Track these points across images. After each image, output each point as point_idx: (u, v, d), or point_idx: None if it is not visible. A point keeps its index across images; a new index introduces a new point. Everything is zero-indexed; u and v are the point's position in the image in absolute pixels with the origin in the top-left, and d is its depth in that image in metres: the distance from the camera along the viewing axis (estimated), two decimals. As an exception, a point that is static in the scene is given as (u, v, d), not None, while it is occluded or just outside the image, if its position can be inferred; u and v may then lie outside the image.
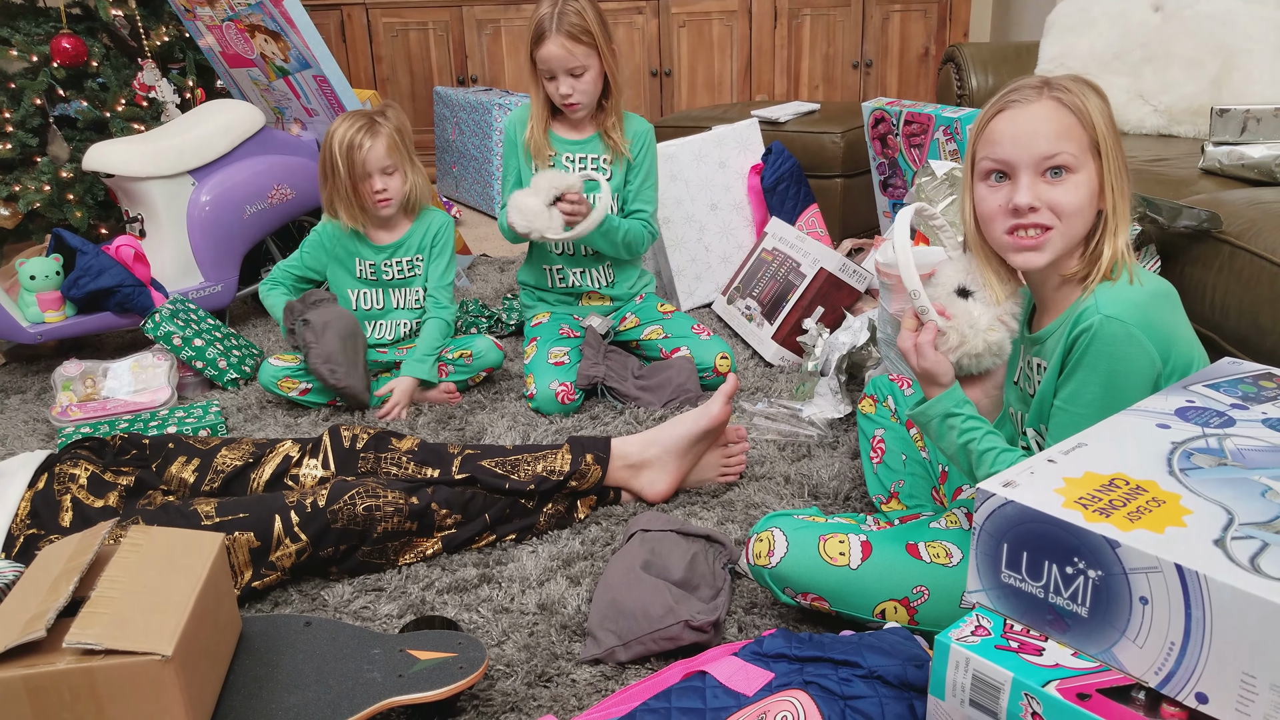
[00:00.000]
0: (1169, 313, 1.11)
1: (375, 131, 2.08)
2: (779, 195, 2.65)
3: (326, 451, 1.60)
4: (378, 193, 2.10)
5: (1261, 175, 1.96)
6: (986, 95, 2.79)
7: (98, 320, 2.30)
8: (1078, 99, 1.11)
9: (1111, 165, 1.11)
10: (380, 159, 2.08)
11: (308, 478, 1.58)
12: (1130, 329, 1.05)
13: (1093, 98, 1.11)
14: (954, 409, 1.17)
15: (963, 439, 1.15)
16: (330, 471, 1.58)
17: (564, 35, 2.04)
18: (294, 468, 1.59)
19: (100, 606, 1.04)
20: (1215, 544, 0.76)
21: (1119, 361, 1.06)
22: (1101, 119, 1.11)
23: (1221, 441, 0.91)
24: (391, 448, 1.60)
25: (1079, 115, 1.10)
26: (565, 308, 2.30)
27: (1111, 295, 1.08)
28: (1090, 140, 1.10)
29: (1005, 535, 0.84)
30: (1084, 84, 1.13)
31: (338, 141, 2.07)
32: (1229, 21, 2.41)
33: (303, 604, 1.44)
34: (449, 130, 3.90)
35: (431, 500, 1.52)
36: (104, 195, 2.71)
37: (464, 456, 1.59)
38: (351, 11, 4.11)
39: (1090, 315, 1.07)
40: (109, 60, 2.78)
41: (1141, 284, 1.10)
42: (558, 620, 1.36)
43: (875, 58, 4.28)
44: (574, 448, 1.63)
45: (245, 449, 1.61)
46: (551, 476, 1.58)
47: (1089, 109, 1.10)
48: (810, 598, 1.26)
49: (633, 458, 1.65)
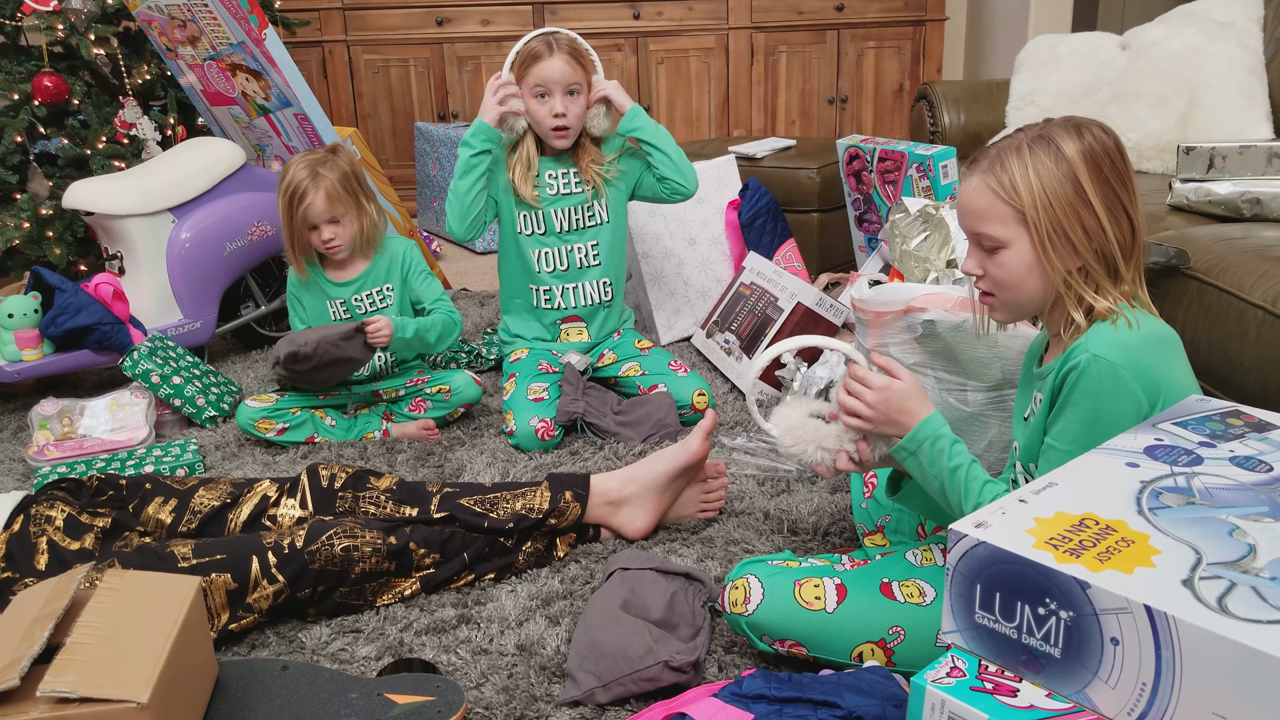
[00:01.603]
0: (1163, 357, 1.10)
1: (316, 183, 2.03)
2: (756, 230, 2.67)
3: (304, 491, 1.59)
4: (326, 242, 2.08)
5: (1228, 211, 2.00)
6: (959, 132, 2.84)
7: (76, 358, 2.29)
8: (1008, 174, 1.10)
9: (1047, 238, 1.10)
10: (320, 212, 2.05)
11: (286, 518, 1.57)
12: (1117, 369, 1.06)
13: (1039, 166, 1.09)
14: (941, 431, 1.17)
15: (953, 463, 1.15)
16: (308, 512, 1.57)
17: (565, 53, 2.09)
18: (271, 508, 1.58)
19: (75, 653, 1.03)
20: (1184, 584, 0.77)
21: (1103, 400, 1.06)
22: (1038, 190, 1.09)
23: (1190, 480, 0.93)
24: (370, 486, 1.60)
25: (1003, 192, 1.10)
26: (544, 344, 2.30)
27: (1103, 336, 1.08)
28: (1017, 215, 1.10)
29: (978, 576, 0.85)
30: (1046, 144, 1.10)
31: (284, 189, 2.05)
32: (1194, 60, 2.46)
33: (280, 646, 1.43)
34: (430, 165, 3.92)
35: (410, 539, 1.51)
36: (83, 232, 2.71)
37: (443, 495, 1.59)
38: (333, 48, 4.14)
39: (1079, 353, 1.08)
40: (90, 98, 2.78)
41: (1140, 328, 1.09)
42: (537, 661, 1.36)
43: (850, 93, 4.34)
44: (553, 485, 1.63)
45: (223, 489, 1.61)
46: (530, 515, 1.58)
47: (1018, 184, 1.09)
48: (788, 644, 1.26)
49: (612, 495, 1.65)
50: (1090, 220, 1.10)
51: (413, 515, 1.56)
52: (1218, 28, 2.49)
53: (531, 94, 2.13)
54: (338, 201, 2.06)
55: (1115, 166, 1.11)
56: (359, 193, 2.11)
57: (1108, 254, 1.11)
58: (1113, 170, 1.10)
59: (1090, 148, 1.10)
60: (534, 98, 2.13)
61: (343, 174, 2.07)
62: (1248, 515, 0.86)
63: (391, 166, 4.29)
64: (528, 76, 2.11)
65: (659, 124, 2.22)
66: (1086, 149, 1.10)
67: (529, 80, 2.11)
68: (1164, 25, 2.59)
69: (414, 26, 4.15)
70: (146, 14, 2.68)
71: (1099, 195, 1.10)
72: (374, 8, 4.13)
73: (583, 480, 1.65)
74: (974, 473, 1.14)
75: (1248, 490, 0.91)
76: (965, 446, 1.17)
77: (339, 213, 2.07)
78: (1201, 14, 2.54)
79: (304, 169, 2.04)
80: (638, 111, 2.19)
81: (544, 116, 2.13)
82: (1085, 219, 1.10)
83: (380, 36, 4.15)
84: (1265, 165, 2.00)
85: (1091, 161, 1.10)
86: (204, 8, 2.51)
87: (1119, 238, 1.11)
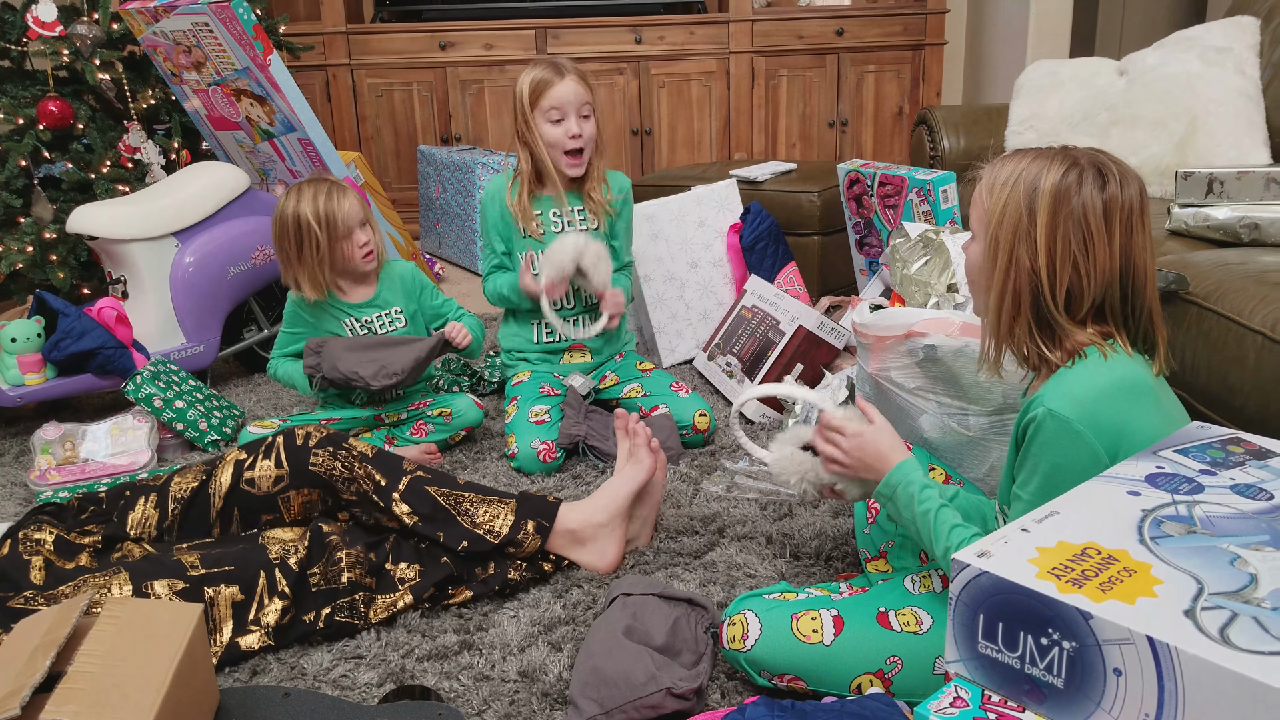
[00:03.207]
0: (1125, 406, 1.05)
1: (341, 190, 2.07)
2: (758, 253, 2.68)
3: (279, 451, 1.59)
4: (362, 246, 2.10)
5: (1227, 236, 2.01)
6: (958, 156, 2.85)
7: (78, 382, 2.30)
8: (1000, 173, 1.11)
9: (991, 244, 1.10)
10: (357, 213, 2.08)
11: (263, 479, 1.57)
12: (1072, 426, 1.03)
13: (1020, 180, 1.08)
14: (912, 476, 1.21)
15: (922, 507, 1.18)
16: (284, 470, 1.57)
17: (576, 76, 2.13)
18: (248, 471, 1.57)
19: (77, 681, 1.03)
20: (1186, 614, 0.77)
21: (1060, 457, 1.04)
22: (1001, 201, 1.09)
23: (1191, 509, 0.93)
24: (346, 446, 1.60)
25: (985, 189, 1.14)
26: (547, 366, 2.31)
27: (1060, 387, 1.05)
28: (983, 219, 1.13)
29: (981, 606, 0.85)
30: (1043, 164, 1.08)
31: (310, 212, 2.03)
32: (1192, 86, 2.48)
33: (281, 672, 1.43)
34: (433, 188, 3.95)
35: (388, 558, 1.53)
36: (87, 256, 2.72)
37: (415, 475, 1.59)
38: (337, 72, 4.17)
39: (1036, 406, 1.06)
40: (95, 122, 2.81)
41: (1104, 374, 1.05)
42: (539, 688, 1.36)
43: (851, 117, 4.36)
44: (519, 509, 1.61)
45: (196, 470, 1.61)
46: (488, 538, 1.58)
47: (995, 185, 1.11)
48: (787, 679, 1.26)
49: (576, 531, 1.63)
50: (1027, 254, 1.08)
51: (381, 484, 1.56)
52: (1215, 54, 2.51)
53: (546, 119, 2.14)
54: (364, 205, 2.11)
55: (1084, 219, 1.06)
56: (367, 214, 2.15)
57: (1043, 295, 1.08)
58: (1079, 221, 1.06)
59: (1066, 188, 1.06)
60: (548, 123, 2.15)
61: (354, 195, 2.11)
62: (1249, 544, 0.86)
63: (394, 189, 4.32)
64: (540, 102, 2.13)
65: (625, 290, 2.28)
66: (1064, 188, 1.06)
67: (542, 106, 2.13)
68: (1162, 51, 2.61)
69: (418, 51, 4.18)
70: (152, 39, 2.71)
71: (1047, 234, 1.06)
72: (378, 32, 4.17)
73: (550, 511, 1.62)
74: (943, 517, 1.16)
75: (1249, 519, 0.91)
76: (936, 491, 1.19)
77: (366, 214, 2.11)
78: (1199, 40, 2.56)
79: (318, 187, 2.06)
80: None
81: (559, 138, 2.15)
82: (1024, 250, 1.08)
83: (384, 61, 4.18)
84: (1263, 190, 2.01)
85: (1060, 200, 1.06)
86: (209, 34, 2.53)
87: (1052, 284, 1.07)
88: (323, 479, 1.57)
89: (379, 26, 4.20)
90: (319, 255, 2.07)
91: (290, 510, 1.59)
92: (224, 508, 1.58)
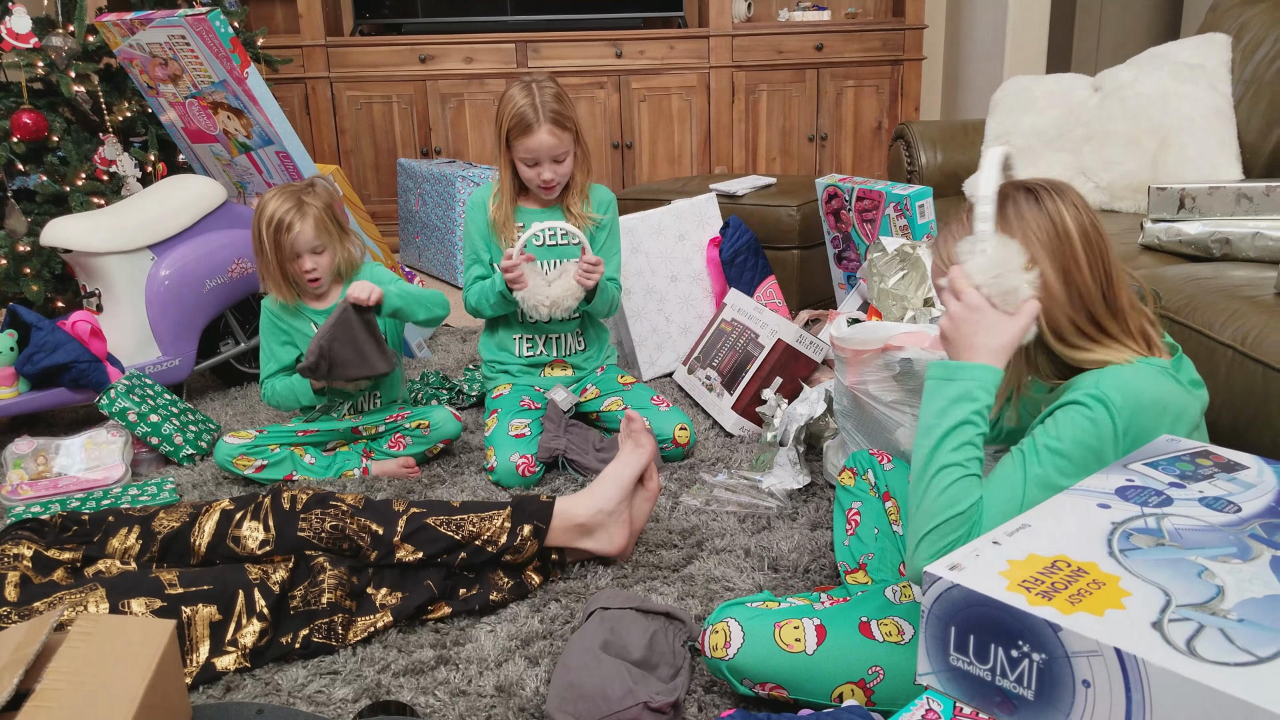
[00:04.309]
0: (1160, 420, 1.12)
1: (303, 212, 2.04)
2: (737, 267, 2.69)
3: (266, 513, 1.57)
4: (307, 272, 2.09)
5: (1198, 251, 2.03)
6: (935, 171, 2.87)
7: (52, 396, 2.28)
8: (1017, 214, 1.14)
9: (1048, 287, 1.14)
10: (309, 241, 2.06)
11: (250, 539, 1.55)
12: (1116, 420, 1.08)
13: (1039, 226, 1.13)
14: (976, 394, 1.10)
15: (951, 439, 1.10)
16: (270, 534, 1.55)
17: (552, 124, 2.09)
18: (235, 529, 1.55)
19: (45, 699, 1.02)
20: (1153, 626, 0.78)
21: (1092, 439, 1.09)
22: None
23: (1160, 521, 0.94)
24: (335, 503, 1.58)
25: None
26: (528, 378, 2.31)
27: (1117, 382, 1.10)
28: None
29: (953, 618, 0.86)
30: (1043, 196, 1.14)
31: (265, 220, 2.03)
32: (1165, 103, 2.51)
33: (256, 688, 1.41)
34: (412, 201, 3.94)
35: (369, 583, 1.53)
36: (61, 269, 2.70)
37: (409, 515, 1.58)
38: (316, 85, 4.17)
39: (1089, 389, 1.10)
40: (70, 134, 2.79)
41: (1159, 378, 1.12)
42: (516, 703, 1.35)
43: (830, 131, 4.39)
44: (515, 515, 1.61)
45: (182, 510, 1.60)
46: (487, 548, 1.57)
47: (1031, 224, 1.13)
48: (769, 687, 1.26)
49: (582, 518, 1.64)
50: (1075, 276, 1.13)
51: (379, 533, 1.55)
52: (1188, 70, 2.54)
53: (520, 159, 2.15)
54: (324, 231, 2.07)
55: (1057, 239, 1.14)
56: (338, 227, 2.13)
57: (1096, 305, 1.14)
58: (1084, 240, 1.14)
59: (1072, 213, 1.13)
60: (523, 164, 2.16)
61: (326, 204, 2.09)
62: (1216, 556, 0.87)
63: (374, 202, 4.31)
64: (516, 146, 2.13)
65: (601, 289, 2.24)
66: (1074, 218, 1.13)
67: (517, 149, 2.13)
68: (1135, 67, 2.64)
69: (397, 64, 4.19)
70: (128, 52, 2.70)
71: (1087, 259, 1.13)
72: (357, 45, 4.17)
73: (545, 511, 1.63)
74: (944, 479, 1.08)
75: (1216, 531, 0.92)
76: (976, 444, 1.10)
77: (324, 242, 2.08)
78: (1172, 57, 2.60)
79: (288, 199, 2.05)
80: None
81: (532, 177, 2.17)
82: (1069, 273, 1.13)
83: (363, 74, 4.18)
84: (1234, 206, 2.03)
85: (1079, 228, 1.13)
86: (186, 46, 2.53)
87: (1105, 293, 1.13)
88: (312, 543, 1.55)
89: (358, 40, 4.20)
90: (269, 264, 2.08)
91: (274, 567, 1.55)
92: (207, 555, 1.55)
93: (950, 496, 1.07)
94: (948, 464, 1.08)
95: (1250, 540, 0.89)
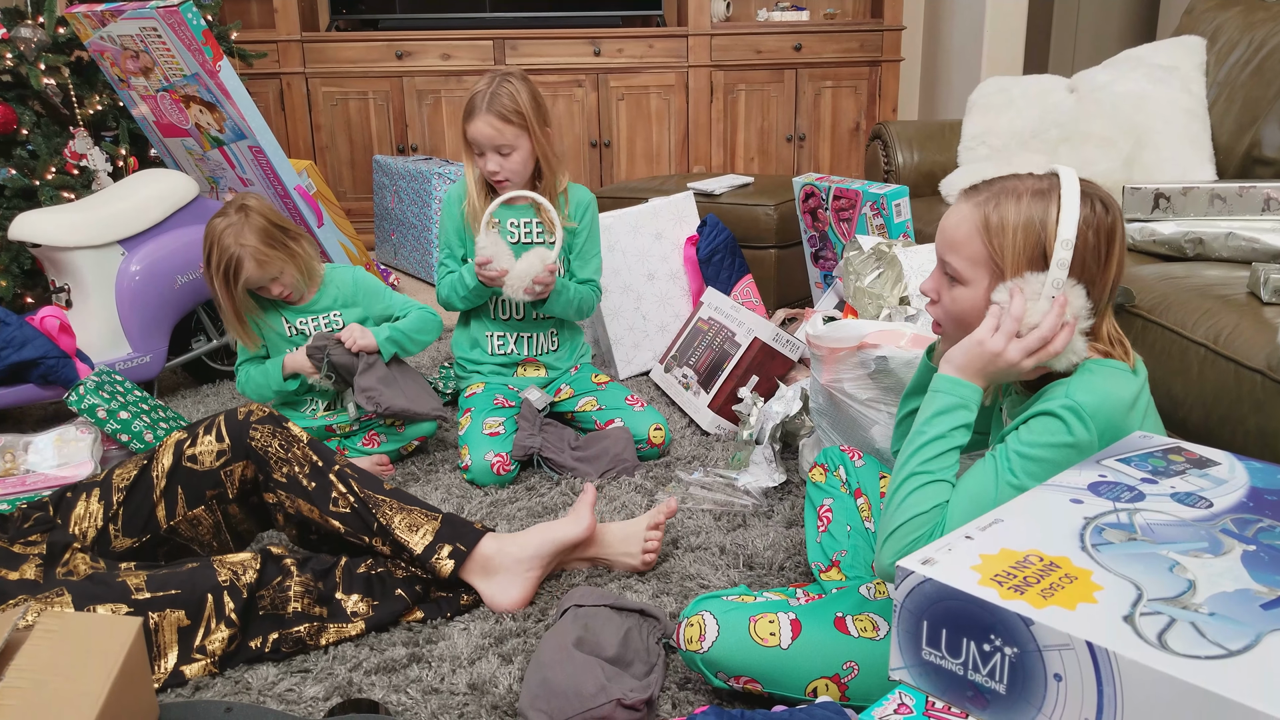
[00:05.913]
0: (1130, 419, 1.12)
1: (243, 252, 2.00)
2: (714, 266, 2.69)
3: (220, 426, 1.57)
4: (279, 295, 2.12)
5: (1172, 251, 2.05)
6: (911, 171, 2.88)
7: (20, 393, 2.24)
8: (998, 216, 1.09)
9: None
10: (259, 278, 2.06)
11: (206, 455, 1.54)
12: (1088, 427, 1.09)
13: (1030, 220, 1.08)
14: (965, 403, 1.13)
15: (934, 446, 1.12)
16: (226, 444, 1.54)
17: (493, 115, 2.08)
18: (190, 449, 1.55)
19: (7, 698, 1.00)
20: (1125, 620, 0.78)
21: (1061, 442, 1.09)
22: (1020, 245, 1.08)
23: (1132, 516, 0.94)
24: (285, 427, 1.59)
25: (985, 233, 1.10)
26: (500, 379, 2.29)
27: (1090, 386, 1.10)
28: (989, 258, 1.10)
29: (925, 612, 0.85)
30: (1044, 200, 1.08)
31: (215, 267, 2.02)
32: (1139, 104, 2.53)
33: (225, 687, 1.40)
34: (388, 198, 3.91)
35: (338, 588, 1.51)
36: (30, 264, 2.66)
37: (346, 465, 1.59)
38: (291, 80, 4.13)
39: (1061, 397, 1.09)
40: (40, 128, 2.75)
41: (1129, 382, 1.12)
42: (489, 700, 1.34)
43: (808, 131, 4.40)
44: (441, 530, 1.56)
45: (136, 460, 1.58)
46: (405, 547, 1.55)
47: (1005, 229, 1.08)
48: (743, 680, 1.26)
49: (491, 562, 1.57)
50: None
51: (319, 465, 1.56)
52: (1162, 72, 2.56)
53: (470, 149, 2.15)
54: (268, 263, 2.04)
55: (1095, 244, 1.09)
56: (285, 239, 2.08)
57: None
58: (1091, 248, 1.09)
59: (1084, 218, 1.08)
60: (473, 154, 2.15)
61: (261, 230, 2.02)
62: (1188, 551, 0.87)
63: (349, 199, 4.28)
64: (465, 131, 2.13)
65: (563, 289, 2.22)
66: (1081, 220, 1.08)
67: (465, 137, 2.13)
68: (1111, 69, 2.66)
69: (374, 60, 4.16)
70: (99, 44, 2.66)
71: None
72: (333, 41, 4.14)
73: (473, 538, 1.57)
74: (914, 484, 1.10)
75: (1188, 526, 0.92)
76: (955, 455, 1.13)
77: (275, 270, 2.06)
78: (1147, 59, 2.62)
79: (228, 238, 2.01)
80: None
81: (481, 167, 2.16)
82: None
83: (339, 69, 4.15)
84: (1208, 206, 2.05)
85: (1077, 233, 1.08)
86: (157, 39, 2.49)
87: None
88: (258, 454, 1.55)
89: (334, 35, 4.17)
90: (226, 316, 2.10)
91: (233, 485, 1.55)
92: (167, 487, 1.53)
93: (919, 498, 1.10)
94: (919, 471, 1.11)
95: (1222, 535, 0.90)
